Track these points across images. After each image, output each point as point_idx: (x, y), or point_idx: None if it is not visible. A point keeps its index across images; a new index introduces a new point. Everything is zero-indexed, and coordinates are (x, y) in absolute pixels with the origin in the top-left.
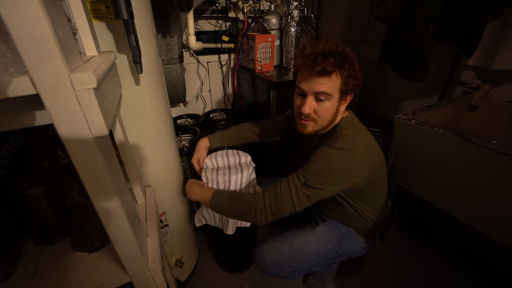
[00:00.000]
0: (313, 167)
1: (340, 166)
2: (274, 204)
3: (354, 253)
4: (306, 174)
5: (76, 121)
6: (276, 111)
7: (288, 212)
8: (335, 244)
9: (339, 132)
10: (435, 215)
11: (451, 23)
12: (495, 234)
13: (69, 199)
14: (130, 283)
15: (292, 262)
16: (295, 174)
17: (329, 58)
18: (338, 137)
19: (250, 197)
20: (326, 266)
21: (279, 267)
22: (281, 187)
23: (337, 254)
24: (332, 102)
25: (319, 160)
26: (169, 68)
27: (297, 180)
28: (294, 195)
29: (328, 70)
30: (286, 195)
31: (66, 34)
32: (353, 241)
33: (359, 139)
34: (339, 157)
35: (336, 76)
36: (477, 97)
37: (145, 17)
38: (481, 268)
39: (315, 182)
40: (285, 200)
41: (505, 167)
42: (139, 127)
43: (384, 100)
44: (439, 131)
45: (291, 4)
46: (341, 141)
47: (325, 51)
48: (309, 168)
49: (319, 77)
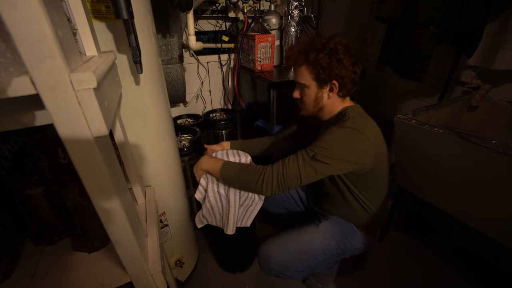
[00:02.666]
0: (322, 142)
1: (348, 144)
2: (281, 175)
3: (356, 249)
4: (315, 149)
5: (76, 121)
6: (276, 111)
7: (294, 185)
8: (339, 240)
9: (347, 116)
10: (435, 215)
11: (451, 23)
12: (495, 234)
13: (69, 199)
14: (130, 283)
15: (298, 261)
16: (304, 150)
17: (299, 53)
18: (347, 120)
19: (259, 168)
20: (328, 268)
21: (285, 267)
22: (290, 160)
23: (341, 251)
24: (311, 90)
25: (328, 136)
26: (169, 68)
27: (305, 154)
28: (301, 168)
29: (294, 66)
30: (294, 167)
31: (66, 34)
32: (355, 236)
33: (366, 125)
34: (348, 135)
35: (306, 68)
36: (477, 97)
37: (145, 17)
38: (481, 268)
39: (323, 156)
40: (292, 172)
41: (505, 167)
42: (139, 127)
43: (384, 100)
44: (439, 131)
45: (291, 4)
46: (350, 122)
47: (298, 49)
48: (318, 144)
49: (295, 69)
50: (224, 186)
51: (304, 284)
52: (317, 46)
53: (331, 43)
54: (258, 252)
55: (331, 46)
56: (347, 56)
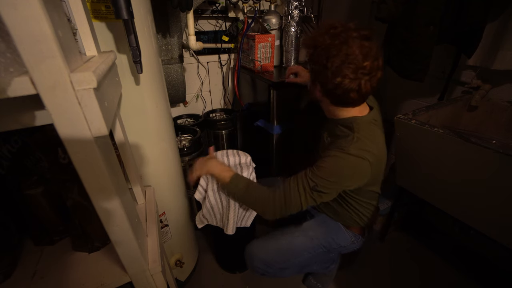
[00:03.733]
0: (323, 173)
1: (351, 174)
2: (283, 205)
3: (343, 247)
4: (316, 179)
5: (76, 121)
6: (276, 111)
7: (295, 211)
8: (322, 239)
9: (352, 135)
10: (435, 215)
11: (451, 23)
12: (495, 234)
13: (69, 199)
14: (130, 283)
15: (280, 259)
16: (305, 176)
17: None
18: (351, 141)
19: (264, 194)
20: (325, 267)
21: (267, 264)
22: (291, 189)
23: (326, 249)
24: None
25: (329, 166)
26: (169, 68)
27: (306, 183)
28: (302, 198)
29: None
30: (295, 198)
31: (66, 34)
32: (341, 235)
33: (371, 145)
34: (350, 165)
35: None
36: (477, 97)
37: (145, 17)
38: (481, 268)
39: (324, 187)
40: (294, 202)
41: (505, 167)
42: (139, 127)
43: (384, 100)
44: (439, 131)
45: (291, 4)
46: (353, 146)
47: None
48: (319, 174)
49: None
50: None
51: (304, 284)
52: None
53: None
54: (245, 251)
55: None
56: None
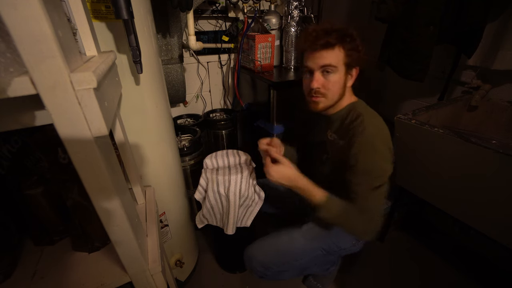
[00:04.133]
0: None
1: (383, 147)
2: (374, 223)
3: (344, 250)
4: (372, 180)
5: (76, 121)
6: (276, 111)
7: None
8: (321, 242)
9: (360, 116)
10: (435, 215)
11: (451, 23)
12: (495, 234)
13: (69, 199)
14: (130, 283)
15: (278, 261)
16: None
17: (331, 32)
18: (362, 121)
19: (356, 221)
20: (325, 269)
21: (265, 267)
22: (368, 206)
23: (325, 252)
24: (338, 74)
25: (368, 158)
26: (169, 68)
27: (369, 190)
28: (379, 203)
29: (330, 42)
30: (376, 211)
31: (66, 34)
32: (342, 238)
33: (379, 123)
34: (378, 146)
35: (339, 49)
36: (477, 97)
37: (145, 17)
38: (481, 268)
39: (380, 179)
40: (378, 213)
41: (505, 167)
42: (139, 127)
43: (384, 100)
44: (439, 131)
45: (291, 4)
46: (367, 124)
47: (326, 28)
48: (368, 174)
49: (322, 50)
50: (224, 186)
51: (304, 284)
52: (346, 30)
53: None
54: (244, 253)
55: (351, 31)
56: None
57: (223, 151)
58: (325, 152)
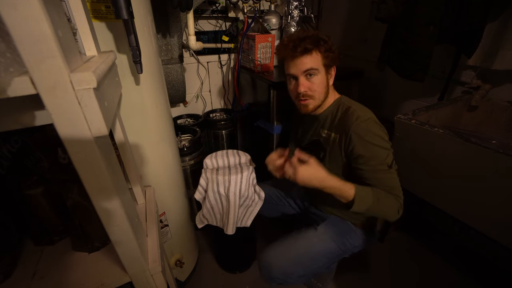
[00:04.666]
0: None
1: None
2: (400, 199)
3: (356, 247)
4: (383, 161)
5: (76, 121)
6: (276, 111)
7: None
8: (338, 241)
9: (349, 108)
10: (435, 215)
11: (451, 23)
12: (495, 234)
13: (69, 199)
14: (130, 283)
15: (300, 267)
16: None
17: (305, 39)
18: (353, 111)
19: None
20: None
21: (287, 274)
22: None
23: (341, 251)
24: (321, 75)
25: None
26: (169, 68)
27: (386, 171)
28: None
29: (308, 48)
30: (398, 186)
31: (66, 34)
32: (353, 235)
33: (368, 111)
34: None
35: (316, 53)
36: (477, 97)
37: (145, 17)
38: (481, 268)
39: (389, 157)
40: (400, 189)
41: (505, 167)
42: (139, 127)
43: (384, 100)
44: (439, 131)
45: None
46: (359, 113)
47: (300, 36)
48: (378, 157)
49: (302, 56)
50: (224, 186)
51: (304, 284)
52: (318, 35)
53: (320, 34)
54: (259, 261)
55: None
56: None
57: (223, 151)
58: (321, 150)
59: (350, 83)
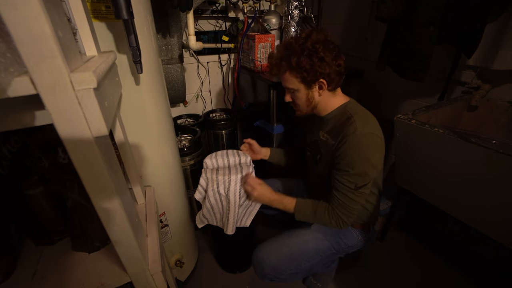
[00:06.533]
0: (355, 168)
1: (372, 153)
2: (346, 215)
3: (350, 247)
4: (352, 179)
5: (76, 121)
6: (276, 111)
7: (355, 215)
8: (332, 240)
9: (349, 114)
10: (435, 215)
11: (451, 23)
12: (495, 234)
13: (69, 199)
14: (130, 283)
15: (292, 264)
16: (342, 183)
17: (280, 61)
18: (353, 122)
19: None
20: (326, 267)
21: (278, 271)
22: (341, 200)
23: (335, 251)
24: (300, 93)
25: (353, 157)
26: (169, 68)
27: (348, 188)
28: (356, 199)
29: (280, 71)
30: (351, 203)
31: (66, 34)
32: (349, 235)
33: (371, 120)
34: (367, 144)
35: (289, 75)
36: (477, 97)
37: (145, 17)
38: (481, 268)
39: (363, 180)
40: (353, 207)
41: (505, 167)
42: (139, 127)
43: (384, 100)
44: (439, 131)
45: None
46: (358, 125)
47: (277, 57)
48: (352, 171)
49: (281, 77)
50: (224, 186)
51: (304, 284)
52: (296, 50)
53: (309, 43)
54: (252, 257)
55: (309, 46)
56: (327, 52)
57: (223, 151)
58: (318, 152)
59: (350, 83)
